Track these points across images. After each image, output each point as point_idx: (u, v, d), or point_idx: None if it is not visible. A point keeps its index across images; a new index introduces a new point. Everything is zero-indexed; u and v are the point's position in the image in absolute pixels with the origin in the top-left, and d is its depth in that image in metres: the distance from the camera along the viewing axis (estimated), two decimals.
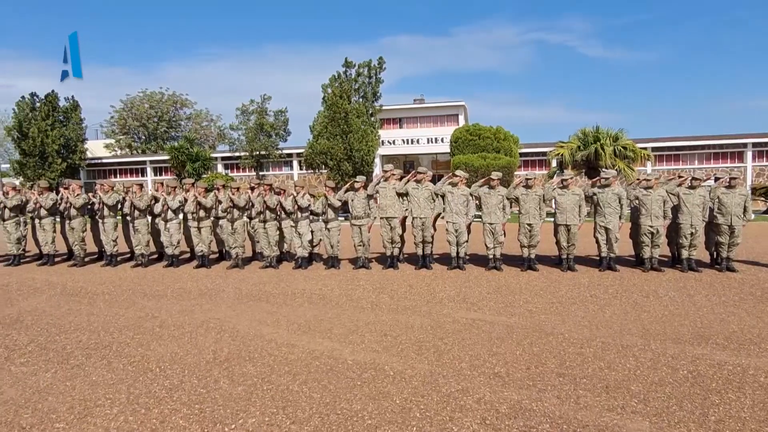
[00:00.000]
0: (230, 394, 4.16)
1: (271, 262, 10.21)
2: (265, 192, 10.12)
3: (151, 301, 7.60)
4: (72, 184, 11.13)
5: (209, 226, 10.45)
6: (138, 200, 10.46)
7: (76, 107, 36.84)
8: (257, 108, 33.01)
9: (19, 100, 34.95)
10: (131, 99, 49.34)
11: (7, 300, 7.89)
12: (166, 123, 49.88)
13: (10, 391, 4.31)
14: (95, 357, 5.14)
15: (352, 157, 25.46)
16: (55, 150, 34.47)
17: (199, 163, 33.18)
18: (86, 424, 3.68)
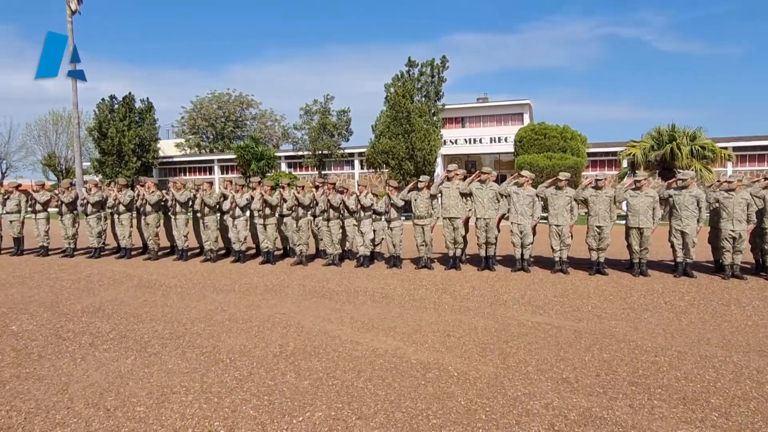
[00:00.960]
0: (297, 387, 4.29)
1: (333, 260, 10.41)
2: (329, 191, 10.33)
3: (220, 295, 7.94)
4: (147, 182, 11.79)
5: (274, 223, 10.78)
6: (208, 198, 10.94)
7: (151, 108, 38.93)
8: (320, 108, 33.71)
9: (99, 102, 37.42)
10: (200, 100, 51.62)
11: (90, 290, 8.45)
12: (232, 123, 51.81)
13: (96, 375, 4.63)
14: (170, 346, 5.44)
15: (414, 157, 25.51)
16: (131, 149, 36.60)
17: (263, 162, 34.27)
18: (164, 409, 3.91)
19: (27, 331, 6.04)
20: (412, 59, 27.85)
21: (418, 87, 27.80)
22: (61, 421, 3.72)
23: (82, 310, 7.09)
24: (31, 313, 6.94)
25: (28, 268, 10.67)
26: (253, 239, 11.57)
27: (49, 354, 5.22)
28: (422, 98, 28.05)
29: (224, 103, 51.46)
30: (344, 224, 10.53)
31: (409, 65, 27.92)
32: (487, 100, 36.54)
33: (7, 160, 48.78)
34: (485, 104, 35.95)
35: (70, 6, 30.00)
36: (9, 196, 12.74)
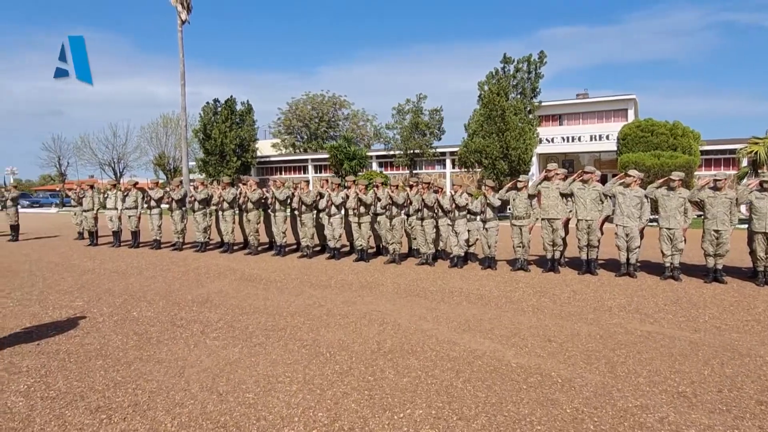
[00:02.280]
0: (396, 384, 4.35)
1: (427, 259, 10.44)
2: (424, 190, 10.36)
3: (317, 291, 8.23)
4: (249, 180, 12.46)
5: (368, 222, 10.99)
6: (305, 196, 11.37)
7: (250, 110, 41.08)
8: (413, 107, 33.87)
9: (204, 105, 40.08)
10: (296, 101, 53.73)
11: (198, 282, 9.08)
12: (326, 123, 53.45)
13: (207, 361, 4.97)
14: (273, 338, 5.72)
15: (508, 156, 24.94)
16: (232, 149, 38.83)
17: (355, 162, 35.04)
18: (270, 397, 4.12)
19: (146, 318, 6.61)
20: (507, 56, 27.28)
21: (513, 84, 27.15)
22: (179, 401, 4.03)
23: (192, 300, 7.63)
24: (149, 301, 7.58)
25: (143, 260, 11.66)
26: (347, 237, 11.87)
27: (166, 339, 5.68)
28: (517, 95, 27.35)
29: (318, 104, 53.21)
30: (438, 224, 10.52)
31: (504, 62, 27.34)
32: (588, 96, 34.89)
33: (124, 160, 53.51)
34: (585, 100, 34.35)
35: (180, 16, 32.32)
36: (128, 193, 13.99)
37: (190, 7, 32.59)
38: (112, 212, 14.24)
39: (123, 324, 6.30)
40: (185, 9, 32.27)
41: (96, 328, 6.10)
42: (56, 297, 7.82)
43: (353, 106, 55.22)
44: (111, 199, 14.26)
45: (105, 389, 4.27)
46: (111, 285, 8.75)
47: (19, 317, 6.62)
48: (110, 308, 7.11)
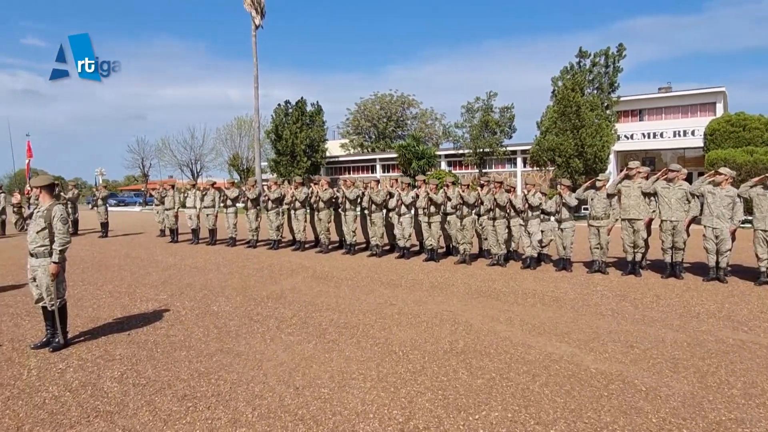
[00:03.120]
0: (470, 385, 4.33)
1: (498, 260, 10.28)
2: (496, 189, 10.21)
3: (388, 289, 8.30)
4: (321, 180, 12.75)
5: (438, 221, 10.96)
6: (375, 195, 11.50)
7: (320, 111, 41.98)
8: (482, 105, 33.42)
9: (276, 107, 41.37)
10: (364, 101, 54.35)
11: (272, 279, 9.39)
12: (394, 122, 53.73)
13: (283, 355, 5.14)
14: (346, 335, 5.83)
15: (584, 154, 24.06)
16: (302, 150, 39.83)
17: (424, 161, 35.01)
18: (345, 392, 4.21)
19: (225, 312, 6.92)
20: (583, 50, 26.29)
21: (589, 79, 26.14)
22: (258, 393, 4.20)
23: (267, 296, 7.91)
24: (227, 296, 7.93)
25: (220, 257, 12.19)
26: (417, 236, 11.89)
27: (244, 333, 5.92)
28: (594, 91, 26.34)
29: (386, 104, 53.56)
30: (510, 224, 10.33)
31: (579, 56, 26.38)
32: (671, 89, 33.08)
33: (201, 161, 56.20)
34: (668, 94, 32.58)
35: (254, 21, 33.52)
36: (206, 193, 14.68)
37: (263, 12, 33.73)
38: (191, 211, 15.00)
39: (204, 317, 6.62)
40: (259, 14, 33.43)
41: (179, 321, 6.45)
42: (143, 290, 8.33)
43: (421, 105, 55.19)
44: (190, 198, 15.02)
45: (190, 379, 4.51)
46: (191, 280, 9.22)
47: (111, 308, 7.11)
48: (191, 302, 7.49)
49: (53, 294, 5.19)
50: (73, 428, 3.61)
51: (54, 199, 5.33)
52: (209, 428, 3.61)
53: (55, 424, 3.67)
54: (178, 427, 3.62)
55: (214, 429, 3.60)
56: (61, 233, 5.16)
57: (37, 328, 5.97)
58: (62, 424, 3.66)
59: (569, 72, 26.22)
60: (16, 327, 6.17)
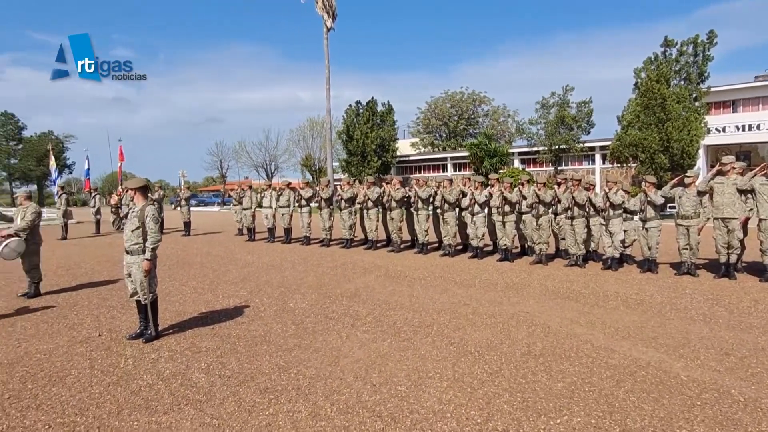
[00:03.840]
0: (550, 388, 4.24)
1: (577, 260, 9.96)
2: (574, 187, 9.90)
3: (462, 289, 8.25)
4: (393, 179, 12.86)
5: (513, 221, 10.77)
6: (448, 194, 11.45)
7: (390, 111, 42.26)
8: (558, 100, 32.43)
9: (347, 108, 42.08)
10: (435, 100, 54.20)
11: (346, 277, 9.58)
12: (465, 120, 53.22)
13: (359, 352, 5.25)
14: (420, 334, 5.86)
15: (670, 149, 22.79)
16: (373, 149, 40.28)
17: (496, 159, 34.45)
18: (421, 391, 4.24)
19: (301, 309, 7.13)
20: (669, 38, 24.88)
21: (676, 69, 24.68)
22: (336, 389, 4.31)
23: (341, 294, 8.08)
24: (303, 293, 8.17)
25: (295, 255, 12.57)
26: (490, 236, 11.74)
27: (321, 330, 6.08)
28: (681, 81, 24.87)
29: (457, 102, 53.15)
30: (590, 223, 9.98)
31: (665, 45, 24.97)
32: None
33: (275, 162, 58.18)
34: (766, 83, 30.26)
35: (326, 24, 34.24)
36: (282, 193, 15.18)
37: (335, 15, 34.37)
38: (268, 210, 15.56)
39: (282, 314, 6.87)
40: (330, 17, 34.09)
41: (259, 317, 6.73)
42: (224, 287, 8.74)
43: (493, 102, 54.27)
44: (267, 199, 15.59)
45: (271, 372, 4.70)
46: (269, 277, 9.57)
47: (196, 303, 7.52)
48: (270, 299, 7.78)
49: (146, 289, 5.57)
50: (166, 414, 3.86)
51: (147, 200, 5.71)
52: (291, 421, 3.75)
53: (150, 410, 3.94)
54: (262, 418, 3.79)
55: (296, 421, 3.73)
56: (152, 232, 5.52)
57: (131, 320, 6.41)
58: (156, 411, 3.92)
59: (653, 62, 24.88)
60: (113, 319, 6.66)
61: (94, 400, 4.13)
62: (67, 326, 6.33)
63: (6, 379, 4.60)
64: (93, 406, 4.01)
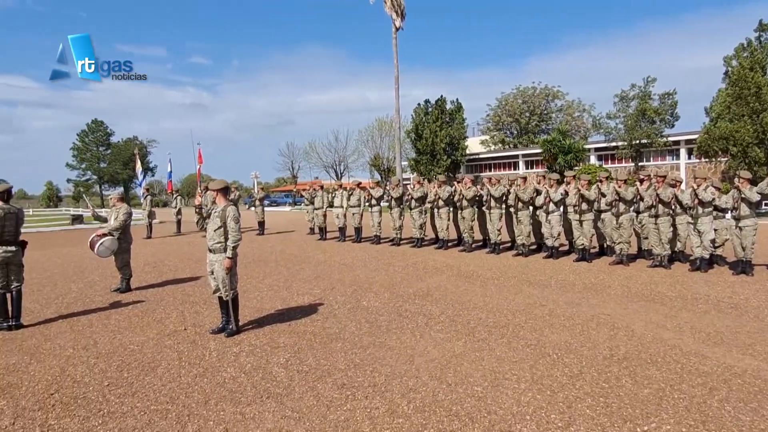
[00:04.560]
0: (635, 394, 4.08)
1: (661, 261, 9.50)
2: (659, 184, 9.45)
3: (537, 290, 8.08)
4: (464, 178, 12.76)
5: (591, 219, 10.42)
6: (522, 192, 11.24)
7: (460, 109, 41.96)
8: (639, 92, 30.97)
9: (415, 107, 42.16)
10: (505, 96, 53.24)
11: (417, 276, 9.61)
12: (537, 116, 51.94)
13: (434, 352, 5.26)
14: (495, 335, 5.80)
15: (765, 141, 21.23)
16: (442, 148, 40.15)
17: (571, 156, 33.41)
18: (498, 392, 4.20)
19: (374, 307, 7.23)
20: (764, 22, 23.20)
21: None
22: (412, 387, 4.35)
23: (413, 293, 8.12)
24: (375, 292, 8.28)
25: (366, 254, 12.74)
26: (566, 235, 11.41)
27: (394, 328, 6.15)
28: None
29: (529, 97, 51.97)
30: (675, 222, 9.49)
31: (759, 29, 23.31)
32: None
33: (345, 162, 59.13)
34: None
35: (395, 24, 34.45)
36: (353, 192, 15.43)
37: (403, 14, 34.53)
38: (339, 210, 15.86)
39: (355, 312, 6.99)
40: (399, 16, 34.29)
41: (333, 314, 6.88)
42: (299, 285, 9.00)
43: (567, 96, 52.69)
44: (338, 198, 15.89)
45: (347, 369, 4.81)
46: (341, 276, 9.76)
47: (272, 301, 7.80)
48: (343, 297, 7.94)
49: (227, 285, 5.84)
50: (249, 406, 4.04)
51: (228, 201, 5.99)
52: (369, 417, 3.82)
53: (235, 401, 4.14)
54: (340, 413, 3.89)
55: (373, 418, 3.81)
56: (233, 231, 5.78)
57: (213, 316, 6.75)
58: (240, 402, 4.12)
59: (746, 49, 23.28)
60: (196, 314, 7.03)
61: (183, 389, 4.39)
62: (155, 320, 6.75)
63: (105, 367, 4.97)
64: (182, 395, 4.27)
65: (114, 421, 3.83)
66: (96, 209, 9.68)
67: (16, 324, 6.36)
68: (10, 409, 4.07)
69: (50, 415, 3.96)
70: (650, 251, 9.94)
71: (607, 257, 10.73)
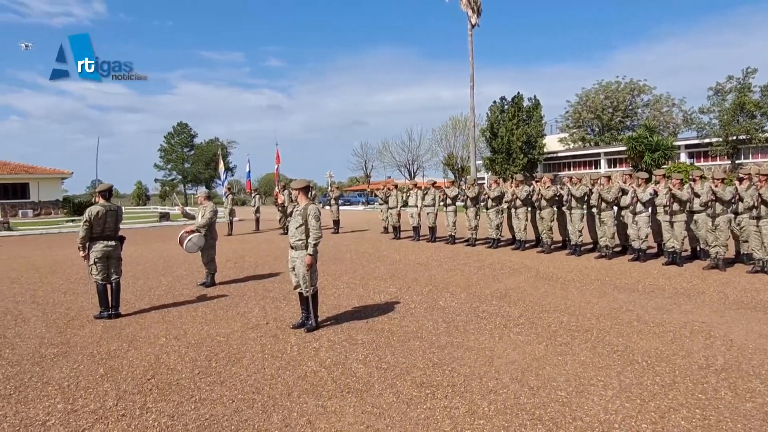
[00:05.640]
0: (736, 407, 3.84)
1: (763, 266, 8.85)
2: (762, 183, 8.81)
3: (623, 294, 7.76)
4: (544, 177, 12.47)
5: (683, 221, 9.86)
6: (606, 192, 10.82)
7: (538, 106, 40.97)
8: (737, 85, 28.95)
9: (491, 104, 41.59)
10: (586, 92, 51.27)
11: (494, 277, 9.48)
12: (621, 112, 49.67)
13: (514, 354, 5.18)
14: (579, 339, 5.62)
15: None
16: (519, 146, 39.36)
17: (658, 153, 31.74)
18: (584, 398, 4.07)
19: (451, 307, 7.21)
20: None
21: None
22: (493, 389, 4.31)
23: (490, 294, 8.03)
24: (451, 292, 8.25)
25: (441, 253, 12.71)
26: (654, 237, 10.87)
27: (472, 329, 6.10)
28: None
29: (612, 92, 49.78)
30: None
31: None
32: None
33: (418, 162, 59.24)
34: None
35: (470, 21, 34.08)
36: (427, 192, 15.45)
37: (479, 10, 34.11)
38: (413, 209, 15.92)
39: (432, 311, 7.00)
40: (475, 13, 33.89)
41: (410, 313, 6.93)
42: (374, 283, 9.12)
43: (654, 90, 49.97)
44: (412, 198, 15.96)
45: (425, 367, 4.83)
46: (416, 275, 9.80)
47: (349, 298, 7.95)
48: (419, 296, 7.97)
49: (308, 282, 6.02)
50: (330, 399, 4.15)
51: (309, 200, 6.17)
52: (449, 416, 3.82)
53: (316, 394, 4.26)
54: (420, 412, 3.91)
55: (454, 417, 3.80)
56: (314, 229, 5.95)
57: (293, 311, 6.97)
58: (322, 395, 4.24)
59: None
60: (277, 309, 7.29)
61: (267, 381, 4.57)
62: (238, 313, 7.06)
63: (195, 356, 5.27)
64: (267, 386, 4.45)
65: (205, 407, 4.06)
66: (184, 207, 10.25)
67: (115, 313, 6.88)
68: (113, 391, 4.41)
69: (148, 398, 4.25)
70: (750, 255, 9.29)
71: (701, 261, 10.13)
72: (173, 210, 32.54)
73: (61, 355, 5.45)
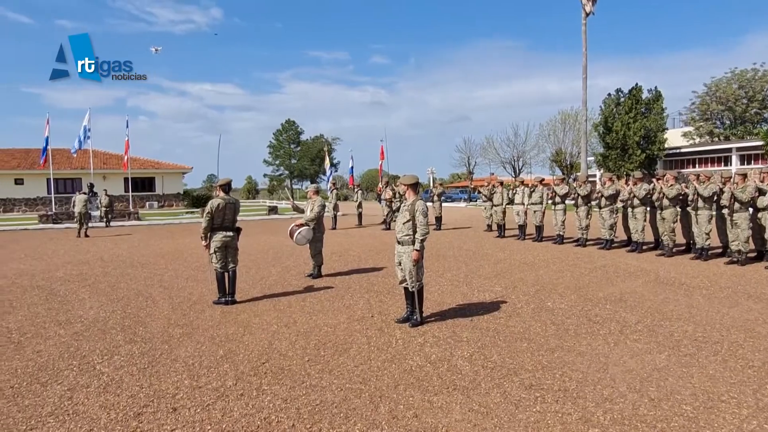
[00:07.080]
0: None
1: None
2: None
3: (759, 304, 7.09)
4: (666, 175, 11.66)
5: None
6: (740, 191, 9.93)
7: (658, 98, 38.35)
8: None
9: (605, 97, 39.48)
10: (716, 81, 47.21)
11: (607, 280, 9.03)
12: (758, 103, 45.18)
13: (631, 362, 4.91)
14: (706, 351, 5.22)
15: None
16: (636, 141, 37.06)
17: None
18: (713, 415, 3.78)
19: (560, 309, 6.97)
20: None
21: None
22: (608, 397, 4.12)
23: (604, 297, 7.66)
24: (560, 293, 7.97)
25: (548, 254, 12.30)
26: None
27: (584, 333, 5.87)
28: None
29: (747, 81, 45.41)
30: None
31: None
32: None
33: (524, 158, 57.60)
34: None
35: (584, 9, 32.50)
36: (534, 189, 15.01)
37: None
38: (519, 207, 15.53)
39: (539, 312, 6.81)
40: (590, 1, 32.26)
41: (516, 313, 6.79)
42: (479, 281, 9.03)
43: None
44: (518, 195, 15.57)
45: (534, 370, 4.72)
46: (522, 275, 9.56)
47: (453, 295, 7.93)
48: (525, 296, 7.78)
49: (414, 277, 6.08)
50: (437, 395, 4.18)
51: (417, 196, 6.23)
52: (560, 422, 3.71)
53: (422, 389, 4.31)
54: (529, 414, 3.83)
55: (565, 423, 3.68)
56: (421, 225, 5.99)
57: (397, 305, 7.08)
58: (428, 390, 4.27)
59: None
60: (381, 303, 7.44)
61: (373, 372, 4.69)
62: (344, 306, 7.29)
63: (304, 344, 5.52)
64: (373, 378, 4.56)
65: (315, 393, 4.24)
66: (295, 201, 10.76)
67: (231, 300, 7.38)
68: (232, 372, 4.75)
69: (263, 381, 4.52)
70: None
71: None
72: (281, 203, 34.17)
73: (185, 335, 5.95)
